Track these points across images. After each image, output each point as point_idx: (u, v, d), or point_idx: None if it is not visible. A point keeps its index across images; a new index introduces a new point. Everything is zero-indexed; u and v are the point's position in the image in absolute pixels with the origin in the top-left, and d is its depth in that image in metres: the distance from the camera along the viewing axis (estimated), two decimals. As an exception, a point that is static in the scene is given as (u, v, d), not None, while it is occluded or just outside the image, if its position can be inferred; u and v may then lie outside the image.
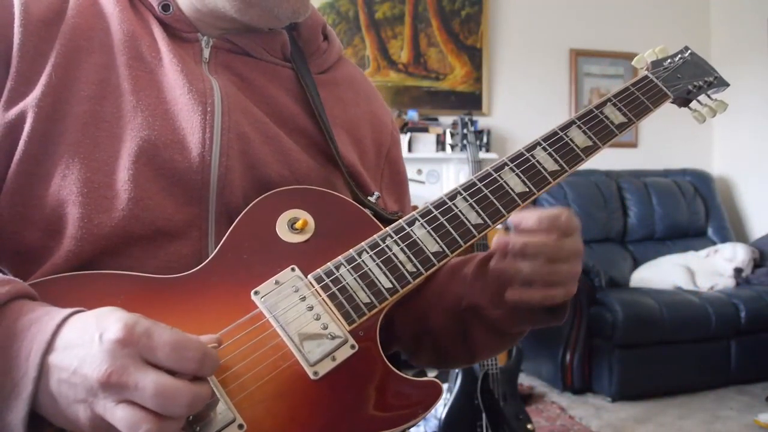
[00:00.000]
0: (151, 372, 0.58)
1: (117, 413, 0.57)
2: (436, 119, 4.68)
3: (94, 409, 0.58)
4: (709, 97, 1.03)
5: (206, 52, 0.88)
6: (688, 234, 4.77)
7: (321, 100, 0.94)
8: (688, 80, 1.00)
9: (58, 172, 0.76)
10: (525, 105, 4.80)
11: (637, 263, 4.54)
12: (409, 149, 4.44)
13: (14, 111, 0.76)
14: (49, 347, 0.60)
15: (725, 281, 4.19)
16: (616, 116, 0.92)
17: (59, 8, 0.82)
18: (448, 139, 4.52)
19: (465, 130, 3.68)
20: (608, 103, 0.93)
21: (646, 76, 0.98)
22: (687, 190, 4.84)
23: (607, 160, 4.84)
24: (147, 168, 0.78)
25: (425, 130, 4.55)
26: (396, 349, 1.00)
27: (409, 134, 4.46)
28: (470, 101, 4.82)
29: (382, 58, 4.67)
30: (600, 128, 0.91)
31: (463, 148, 3.76)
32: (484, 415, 2.78)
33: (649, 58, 1.02)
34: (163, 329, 0.60)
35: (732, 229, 4.83)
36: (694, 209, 4.80)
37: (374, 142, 1.01)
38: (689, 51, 1.04)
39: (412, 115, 4.58)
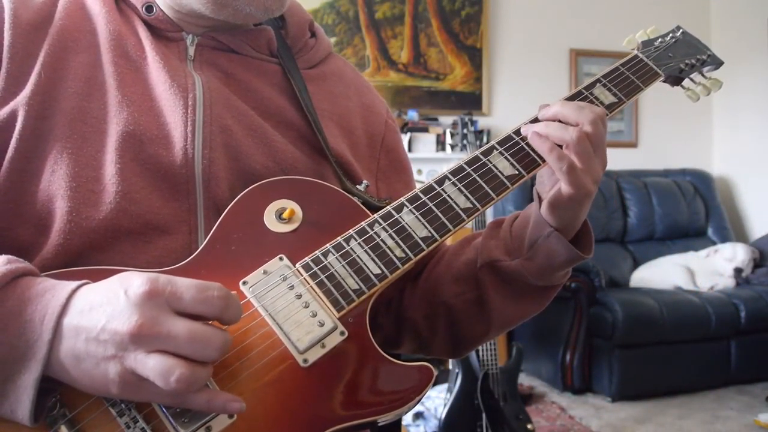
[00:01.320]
0: (180, 319, 0.61)
1: (149, 363, 0.59)
2: (436, 119, 4.68)
3: (124, 364, 0.60)
4: (703, 75, 1.02)
5: (191, 50, 0.89)
6: (688, 234, 4.76)
7: (309, 94, 0.94)
8: (680, 59, 1.00)
9: (48, 167, 0.77)
10: (525, 105, 4.78)
11: (637, 263, 4.53)
12: (409, 149, 4.44)
13: (5, 110, 0.77)
14: (63, 311, 0.62)
15: (725, 281, 4.19)
16: (606, 96, 0.92)
17: (47, 12, 0.84)
18: (448, 139, 4.53)
19: (465, 130, 3.69)
20: (598, 84, 0.93)
21: (636, 56, 0.98)
22: (687, 190, 4.84)
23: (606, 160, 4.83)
24: (133, 163, 0.79)
25: (425, 130, 4.55)
26: (408, 347, 1.00)
27: (409, 134, 4.46)
28: (470, 101, 4.82)
29: (382, 58, 4.67)
30: None
31: (463, 148, 3.78)
32: (484, 415, 2.77)
33: (639, 39, 1.01)
34: (184, 279, 0.62)
35: (732, 229, 4.82)
36: (694, 209, 4.79)
37: (366, 132, 1.01)
38: (681, 30, 1.03)
39: (412, 115, 4.58)
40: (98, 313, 0.61)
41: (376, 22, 4.66)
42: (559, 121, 0.83)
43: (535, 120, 0.87)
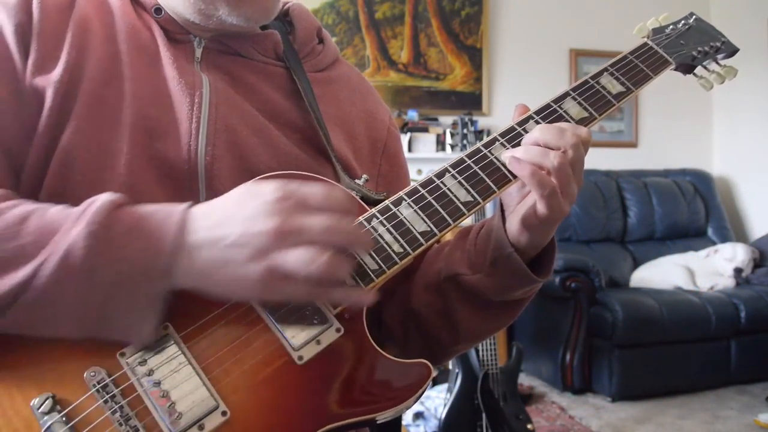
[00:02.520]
0: (313, 215, 0.66)
1: (291, 257, 0.64)
2: (436, 119, 4.67)
3: (269, 263, 0.65)
4: (717, 63, 0.99)
5: (198, 53, 0.90)
6: (688, 234, 4.76)
7: (314, 97, 0.94)
8: (692, 46, 0.96)
9: (60, 148, 0.77)
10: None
11: (637, 263, 4.53)
12: (409, 149, 4.43)
13: (38, 82, 0.79)
14: (183, 227, 0.67)
15: (725, 281, 4.18)
16: (613, 86, 0.89)
17: None
18: (448, 139, 4.52)
19: (465, 130, 3.68)
20: (605, 73, 0.90)
21: (646, 44, 0.95)
22: (687, 190, 4.83)
23: (607, 160, 4.83)
24: (142, 156, 0.80)
25: (425, 130, 4.55)
26: (390, 353, 0.99)
27: (409, 134, 4.46)
28: (470, 101, 4.82)
29: (382, 58, 4.67)
30: (596, 99, 0.88)
31: (463, 148, 3.76)
32: (484, 415, 2.77)
33: (650, 26, 0.98)
34: (308, 183, 0.69)
35: (732, 229, 4.82)
36: (694, 209, 4.79)
37: (369, 138, 1.01)
38: (694, 17, 1.00)
39: (412, 115, 4.57)
40: (233, 222, 0.66)
41: (376, 22, 4.66)
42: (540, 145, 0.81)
43: (522, 122, 0.85)
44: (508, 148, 0.83)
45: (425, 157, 4.47)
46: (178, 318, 0.71)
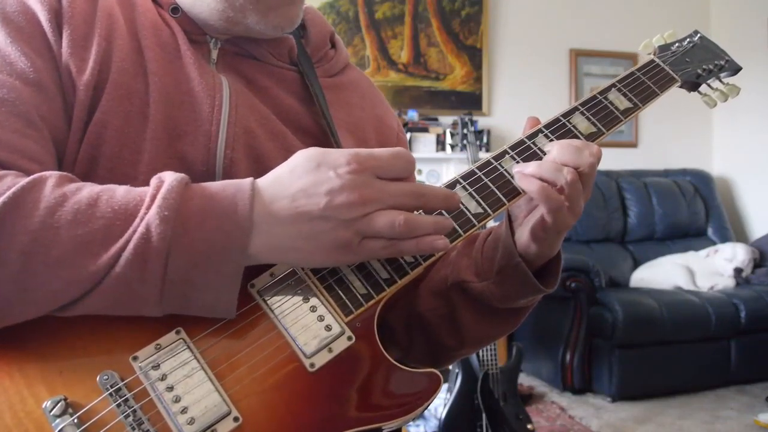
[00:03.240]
0: (387, 182, 0.70)
1: (379, 220, 0.69)
2: (436, 119, 4.68)
3: (357, 228, 0.68)
4: (720, 81, 1.00)
5: (214, 54, 0.89)
6: (688, 234, 4.77)
7: (326, 102, 0.95)
8: (697, 64, 0.98)
9: (87, 139, 0.77)
10: (525, 105, 4.79)
11: (637, 263, 4.53)
12: (410, 149, 4.42)
13: (71, 68, 0.78)
14: (254, 202, 0.68)
15: (725, 281, 4.19)
16: (621, 102, 0.91)
17: None
18: (448, 139, 4.53)
19: (465, 130, 3.69)
20: (613, 89, 0.92)
21: (652, 60, 0.96)
22: (687, 190, 4.84)
23: (607, 160, 4.80)
24: (164, 155, 0.80)
25: (425, 130, 4.55)
26: (394, 356, 0.99)
27: (409, 134, 4.46)
28: (470, 101, 4.82)
29: (382, 58, 4.67)
30: (604, 114, 0.89)
31: (463, 148, 3.78)
32: (484, 415, 2.77)
33: (656, 43, 0.99)
34: (379, 149, 0.72)
35: (732, 229, 4.83)
36: (694, 209, 4.79)
37: (379, 144, 1.01)
38: (699, 35, 1.01)
39: (412, 115, 4.58)
40: (315, 197, 0.68)
41: (376, 22, 4.66)
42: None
43: (531, 135, 0.86)
44: (518, 161, 0.84)
45: (425, 157, 4.48)
46: (191, 323, 0.71)
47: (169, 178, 0.69)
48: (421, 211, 0.74)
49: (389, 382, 0.74)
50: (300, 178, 0.69)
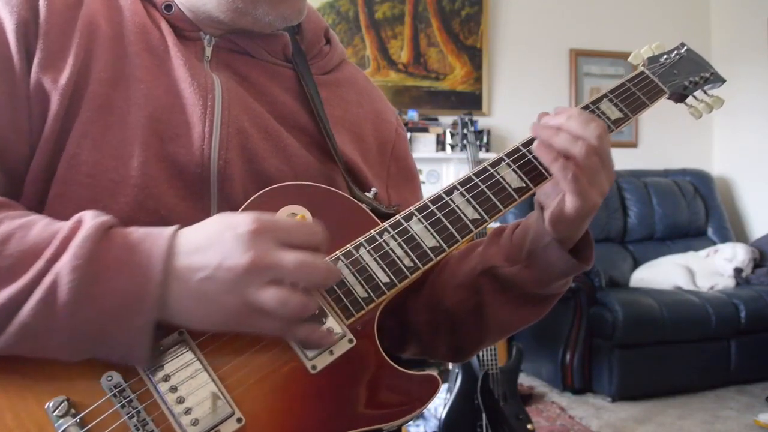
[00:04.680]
0: (288, 251, 0.66)
1: (266, 294, 0.64)
2: (436, 119, 4.68)
3: (242, 297, 0.65)
4: (705, 92, 1.03)
5: (208, 51, 0.89)
6: (688, 234, 4.77)
7: (321, 100, 0.95)
8: (684, 76, 1.00)
9: (68, 150, 0.77)
10: (525, 105, 4.79)
11: (637, 263, 4.53)
12: (410, 148, 4.42)
13: (45, 82, 0.77)
14: (169, 253, 0.66)
15: (725, 281, 4.19)
16: (612, 112, 0.92)
17: None
18: (448, 139, 4.53)
19: (465, 130, 3.68)
20: (604, 99, 0.93)
21: (642, 72, 0.98)
22: (687, 190, 4.84)
23: (607, 160, 4.83)
24: (155, 158, 0.80)
25: (425, 130, 4.55)
26: (411, 351, 1.00)
27: (409, 134, 4.45)
28: (470, 101, 4.82)
29: (382, 58, 4.67)
30: None
31: (463, 148, 3.77)
32: (484, 415, 2.77)
33: (645, 54, 1.02)
34: (283, 217, 0.70)
35: (732, 229, 4.83)
36: (694, 209, 4.79)
37: (377, 140, 1.02)
38: (685, 47, 1.04)
39: (412, 115, 4.58)
40: (210, 253, 0.65)
41: (376, 22, 4.66)
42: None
43: (527, 143, 0.87)
44: (513, 168, 0.85)
45: (425, 157, 4.48)
46: None
47: (87, 223, 0.67)
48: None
49: (389, 385, 0.75)
50: (209, 235, 0.67)
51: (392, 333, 0.99)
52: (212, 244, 0.66)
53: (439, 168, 4.59)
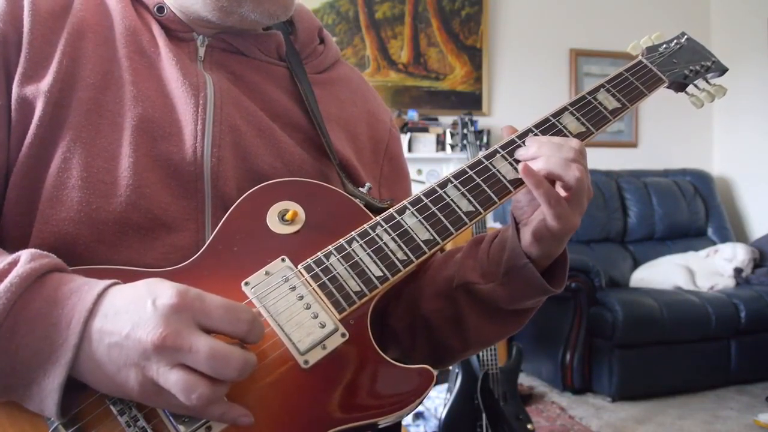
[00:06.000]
0: (204, 336, 0.61)
1: (171, 377, 0.59)
2: (436, 119, 4.68)
3: (146, 373, 0.60)
4: (707, 81, 1.02)
5: (201, 51, 0.90)
6: (688, 234, 4.76)
7: (315, 98, 0.95)
8: (684, 65, 0.99)
9: (59, 156, 0.77)
10: (525, 105, 4.79)
11: (637, 263, 4.53)
12: (409, 149, 4.44)
13: (28, 91, 0.78)
14: (91, 314, 0.62)
15: (725, 281, 4.19)
16: (609, 102, 0.92)
17: (66, 2, 0.85)
18: (448, 139, 4.53)
19: (465, 130, 3.68)
20: (601, 89, 0.93)
21: (640, 61, 0.98)
22: (687, 190, 4.84)
23: (606, 160, 4.84)
24: (146, 158, 0.80)
25: (425, 130, 4.55)
26: (391, 355, 0.99)
27: (409, 134, 4.46)
28: (470, 101, 4.82)
29: (382, 58, 4.67)
30: (593, 114, 0.90)
31: (463, 148, 3.77)
32: (484, 415, 2.77)
33: (644, 44, 1.01)
34: (213, 296, 0.63)
35: (732, 229, 4.83)
36: (694, 209, 4.79)
37: (371, 139, 1.02)
38: (686, 36, 1.03)
39: (412, 115, 4.58)
40: (123, 319, 0.61)
41: (376, 22, 4.66)
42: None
43: (522, 135, 0.87)
44: (509, 161, 0.85)
45: (425, 157, 4.48)
46: None
47: (17, 269, 0.64)
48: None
49: (382, 379, 0.75)
50: (129, 300, 0.63)
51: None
52: (129, 310, 0.62)
53: (439, 168, 4.59)
